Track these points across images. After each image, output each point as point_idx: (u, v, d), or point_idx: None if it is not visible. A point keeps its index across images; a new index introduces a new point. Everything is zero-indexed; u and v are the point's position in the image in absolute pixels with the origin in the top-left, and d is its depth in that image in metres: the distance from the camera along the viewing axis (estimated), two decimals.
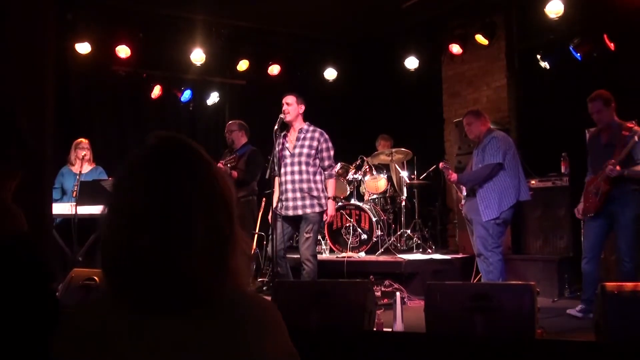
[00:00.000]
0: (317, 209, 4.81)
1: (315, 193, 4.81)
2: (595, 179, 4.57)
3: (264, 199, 6.32)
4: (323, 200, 4.84)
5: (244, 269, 1.06)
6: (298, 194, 4.80)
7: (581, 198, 4.71)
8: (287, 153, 4.89)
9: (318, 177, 4.88)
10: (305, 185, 4.80)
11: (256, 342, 0.97)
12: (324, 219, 4.92)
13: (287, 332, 1.03)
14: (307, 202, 4.79)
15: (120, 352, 0.96)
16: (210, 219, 0.99)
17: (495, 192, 4.75)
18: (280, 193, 4.83)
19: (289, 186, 4.82)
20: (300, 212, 4.79)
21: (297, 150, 4.85)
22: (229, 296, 1.01)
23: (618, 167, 4.32)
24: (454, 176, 5.00)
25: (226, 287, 1.01)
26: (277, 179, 4.91)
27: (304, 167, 4.82)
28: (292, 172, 4.84)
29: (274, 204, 4.91)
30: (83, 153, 5.75)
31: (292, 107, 4.86)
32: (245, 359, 0.95)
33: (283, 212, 4.81)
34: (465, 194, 5.08)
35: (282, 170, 4.86)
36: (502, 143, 4.80)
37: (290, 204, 4.80)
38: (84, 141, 5.89)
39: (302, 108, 4.92)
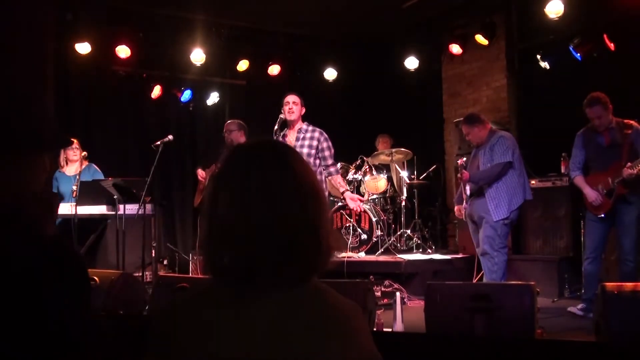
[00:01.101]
0: None
1: None
2: (600, 177, 4.53)
3: None
4: None
5: (331, 260, 1.11)
6: None
7: (586, 191, 4.59)
8: None
9: (317, 177, 4.85)
10: None
11: (343, 335, 1.01)
12: (353, 208, 5.11)
13: (371, 338, 1.06)
14: None
15: (218, 336, 1.02)
16: (303, 206, 1.07)
17: (505, 192, 4.75)
18: None
19: None
20: None
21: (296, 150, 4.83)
22: (320, 286, 1.07)
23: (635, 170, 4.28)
24: (466, 174, 4.96)
25: (316, 273, 1.08)
26: None
27: None
28: None
29: None
30: (83, 153, 5.76)
31: (297, 106, 4.84)
32: (332, 347, 0.99)
33: None
34: (469, 194, 5.04)
35: None
36: (510, 142, 4.82)
37: None
38: (74, 142, 5.83)
39: (304, 110, 4.92)
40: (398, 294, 4.16)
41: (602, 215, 4.52)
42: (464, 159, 5.21)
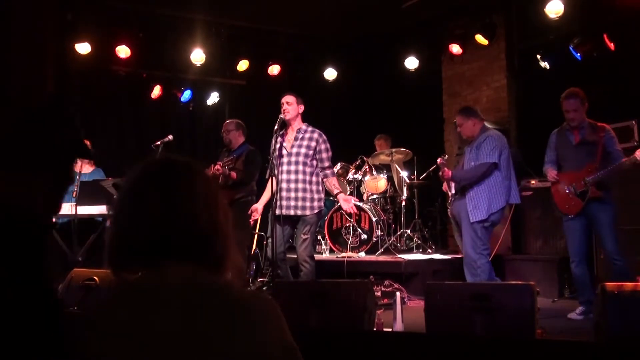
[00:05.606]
0: (315, 210, 4.80)
1: (309, 195, 4.79)
2: (573, 176, 4.51)
3: None
4: (316, 203, 4.82)
5: (240, 263, 1.19)
6: (292, 194, 4.76)
7: (549, 173, 4.65)
8: (284, 152, 4.87)
9: (314, 178, 4.85)
10: (300, 185, 4.77)
11: (255, 328, 1.07)
12: (346, 209, 5.12)
13: (287, 327, 1.12)
14: (307, 203, 4.77)
15: (138, 341, 1.05)
16: (207, 211, 1.19)
17: (485, 193, 4.64)
18: (276, 192, 4.79)
19: (284, 185, 4.78)
20: (298, 212, 4.75)
21: (294, 150, 4.83)
22: (224, 283, 1.14)
23: None
24: (448, 173, 4.85)
25: (218, 274, 1.18)
26: (272, 179, 4.88)
27: (300, 167, 4.80)
28: (289, 172, 4.81)
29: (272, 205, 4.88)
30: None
31: (291, 106, 4.84)
32: (245, 342, 1.05)
33: (277, 212, 4.75)
34: (454, 192, 4.96)
35: (279, 169, 4.84)
36: (498, 143, 4.70)
37: (284, 203, 4.75)
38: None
39: (302, 108, 4.91)
40: (398, 294, 4.15)
41: (572, 216, 4.52)
42: (446, 156, 5.17)
